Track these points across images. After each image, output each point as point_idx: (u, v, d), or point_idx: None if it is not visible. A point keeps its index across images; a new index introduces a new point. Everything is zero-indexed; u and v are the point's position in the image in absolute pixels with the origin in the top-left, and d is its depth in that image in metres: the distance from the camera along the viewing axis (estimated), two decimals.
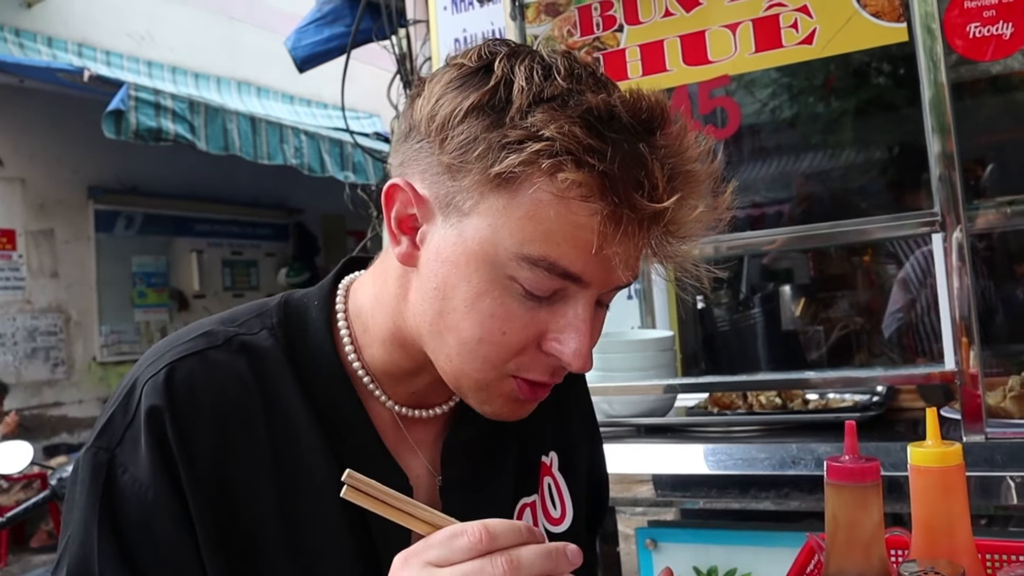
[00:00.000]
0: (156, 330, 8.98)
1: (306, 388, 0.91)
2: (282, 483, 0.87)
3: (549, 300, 0.81)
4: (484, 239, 0.79)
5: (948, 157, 1.60)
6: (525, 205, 0.77)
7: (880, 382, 1.93)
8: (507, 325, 0.81)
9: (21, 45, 7.16)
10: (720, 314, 2.77)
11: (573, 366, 0.82)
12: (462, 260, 0.81)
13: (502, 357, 0.83)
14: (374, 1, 3.76)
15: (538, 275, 0.78)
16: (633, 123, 0.77)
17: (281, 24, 8.40)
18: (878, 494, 0.96)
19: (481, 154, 0.77)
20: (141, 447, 0.83)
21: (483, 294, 0.80)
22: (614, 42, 1.88)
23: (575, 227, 0.76)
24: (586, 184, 0.74)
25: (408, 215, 0.85)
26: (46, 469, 4.66)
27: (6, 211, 7.57)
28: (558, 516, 1.07)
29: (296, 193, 10.09)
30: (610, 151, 0.74)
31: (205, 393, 0.86)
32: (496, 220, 0.78)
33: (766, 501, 1.69)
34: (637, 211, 0.75)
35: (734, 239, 1.95)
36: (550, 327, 0.82)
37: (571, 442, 1.14)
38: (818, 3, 1.72)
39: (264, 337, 0.92)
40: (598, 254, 0.77)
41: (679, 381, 1.99)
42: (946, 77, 1.60)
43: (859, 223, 1.74)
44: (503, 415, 0.89)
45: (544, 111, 0.75)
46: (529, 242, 0.77)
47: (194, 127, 6.19)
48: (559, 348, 0.82)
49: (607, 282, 0.81)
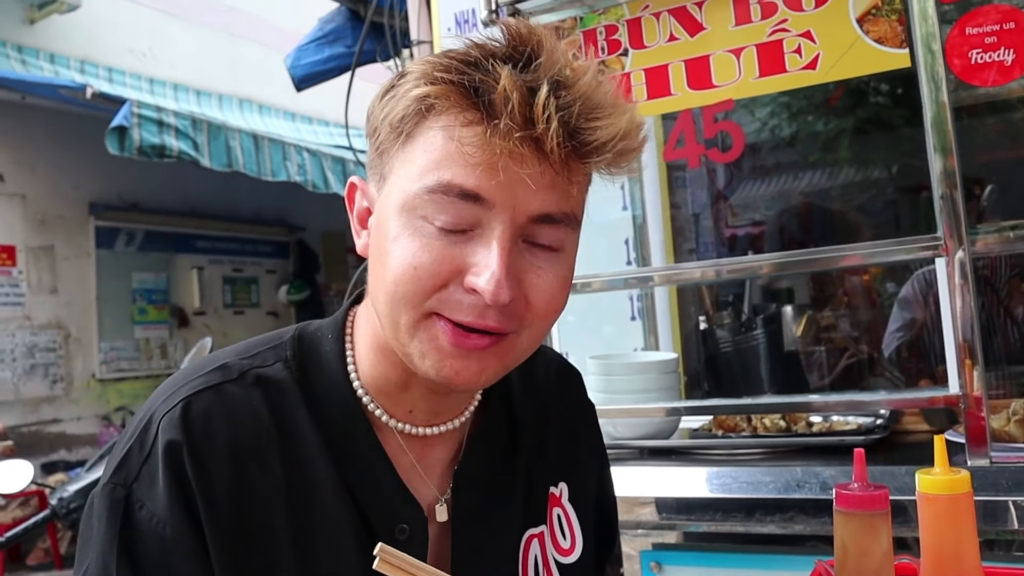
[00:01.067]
0: (156, 347, 8.97)
1: (320, 422, 0.91)
2: (297, 517, 0.88)
3: (466, 235, 0.82)
4: (397, 190, 0.84)
5: (950, 177, 1.60)
6: (420, 146, 0.82)
7: (884, 406, 1.93)
8: (416, 259, 0.81)
9: (24, 62, 7.20)
10: (722, 335, 2.77)
11: (487, 294, 0.79)
12: (386, 218, 0.85)
13: (418, 294, 0.82)
14: (377, 22, 3.78)
15: (441, 203, 0.80)
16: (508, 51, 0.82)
17: (283, 42, 8.44)
18: (887, 522, 0.96)
19: (383, 118, 0.86)
20: (159, 482, 0.83)
21: (397, 238, 0.83)
22: (619, 66, 1.89)
23: (460, 145, 0.80)
24: (468, 111, 0.80)
25: (363, 209, 0.93)
26: (44, 487, 4.64)
27: (6, 227, 7.58)
28: (568, 547, 1.07)
29: (297, 211, 10.11)
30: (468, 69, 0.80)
31: (221, 428, 0.86)
32: (403, 169, 0.84)
33: (771, 524, 1.69)
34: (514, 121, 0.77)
35: (735, 263, 1.96)
36: (468, 261, 0.81)
37: (581, 472, 1.14)
38: (821, 29, 1.73)
39: (279, 370, 0.93)
40: (492, 171, 0.79)
41: (684, 404, 1.99)
42: (947, 97, 1.61)
43: (861, 247, 1.75)
44: (445, 371, 0.84)
45: (422, 63, 0.84)
46: (426, 174, 0.81)
47: (197, 144, 6.21)
48: (475, 280, 0.81)
49: (516, 204, 0.81)
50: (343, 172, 7.45)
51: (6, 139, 7.53)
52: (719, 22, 1.81)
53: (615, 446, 2.04)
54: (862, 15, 1.69)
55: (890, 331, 3.20)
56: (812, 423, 2.03)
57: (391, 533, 0.91)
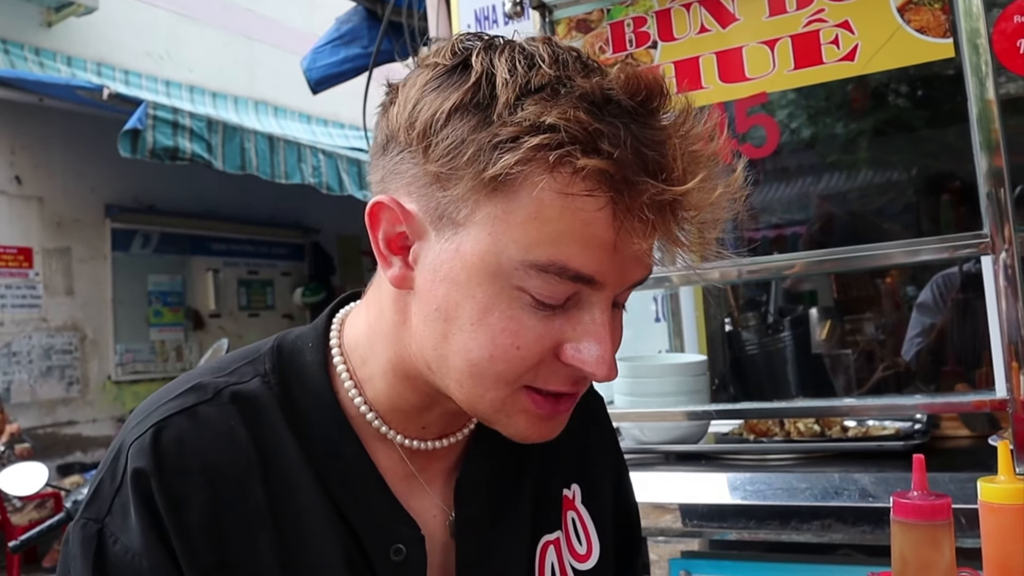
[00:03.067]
0: (171, 349, 8.98)
1: (303, 438, 0.84)
2: (285, 543, 0.81)
3: (563, 307, 0.75)
4: (485, 250, 0.73)
5: (997, 175, 1.54)
6: (526, 208, 0.70)
7: (926, 410, 1.87)
8: (520, 339, 0.74)
9: (41, 64, 7.22)
10: (748, 337, 2.71)
11: (597, 375, 0.75)
12: (463, 276, 0.74)
13: (517, 372, 0.76)
14: (395, 21, 3.74)
15: (548, 281, 0.72)
16: (632, 104, 0.71)
17: (298, 44, 8.44)
18: (950, 533, 0.91)
19: (472, 157, 0.70)
20: (131, 514, 0.78)
21: (490, 309, 0.74)
22: (648, 59, 1.84)
23: (584, 224, 0.70)
24: (593, 174, 0.69)
25: (397, 234, 0.79)
26: (59, 489, 4.63)
27: (23, 229, 7.59)
28: (584, 552, 1.01)
29: (312, 213, 10.11)
30: (615, 135, 0.68)
31: (194, 454, 0.80)
32: (496, 228, 0.72)
33: (807, 533, 1.63)
34: (649, 199, 0.69)
35: (761, 262, 1.90)
36: (567, 335, 0.75)
37: (594, 473, 1.07)
38: (860, 18, 1.67)
39: (256, 385, 0.86)
40: (611, 251, 0.71)
41: (716, 407, 1.93)
42: (994, 93, 1.55)
43: (902, 245, 1.69)
44: (530, 436, 0.81)
45: (535, 102, 0.69)
46: (535, 247, 0.71)
47: (211, 146, 6.20)
48: (580, 357, 0.75)
49: (622, 280, 0.76)
50: (359, 174, 7.43)
51: (23, 142, 7.55)
52: (752, 12, 1.76)
53: (642, 450, 1.99)
54: (903, 4, 1.63)
55: (909, 337, 3.15)
56: (847, 428, 1.97)
57: (386, 554, 0.84)
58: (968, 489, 1.46)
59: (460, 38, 0.78)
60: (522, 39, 0.78)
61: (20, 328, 7.54)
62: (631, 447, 2.01)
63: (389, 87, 0.82)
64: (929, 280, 3.15)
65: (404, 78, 0.81)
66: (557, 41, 0.77)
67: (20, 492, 2.95)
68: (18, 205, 7.57)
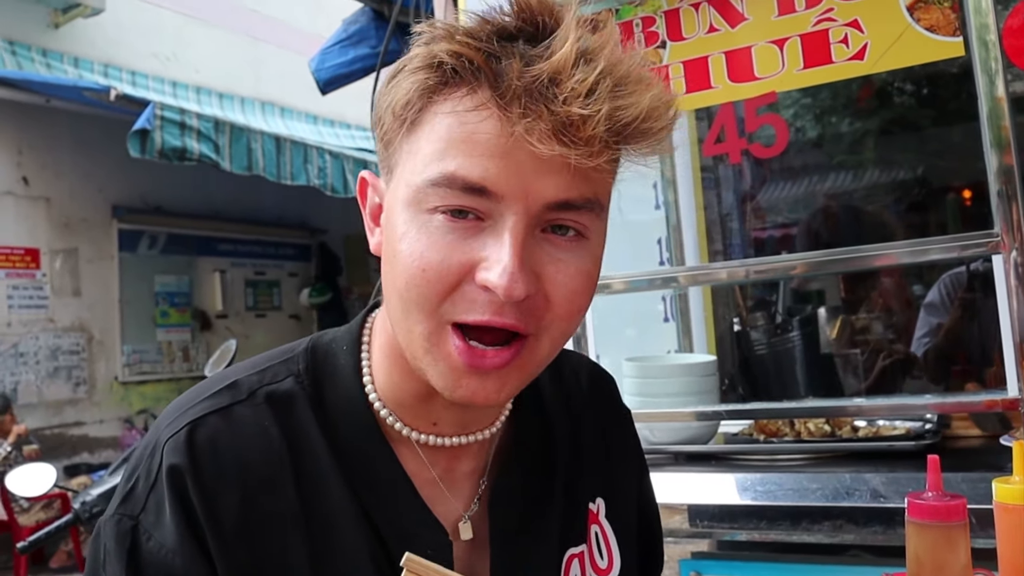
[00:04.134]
0: (178, 350, 9.00)
1: (333, 440, 0.85)
2: (314, 544, 0.82)
3: (476, 227, 0.75)
4: (403, 183, 0.78)
5: (1007, 173, 1.54)
6: (423, 134, 0.77)
7: (937, 410, 1.86)
8: (425, 260, 0.74)
9: (48, 65, 7.24)
10: (757, 336, 2.70)
11: (499, 289, 0.72)
12: (393, 216, 0.79)
13: (430, 299, 0.75)
14: (402, 21, 3.74)
15: (445, 196, 0.74)
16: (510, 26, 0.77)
17: (305, 45, 8.45)
18: (965, 534, 0.90)
19: (387, 107, 0.80)
20: (166, 512, 0.79)
21: (403, 235, 0.77)
22: (657, 59, 1.84)
23: (468, 135, 0.74)
24: (475, 93, 0.74)
25: (376, 205, 0.87)
26: (67, 490, 4.63)
27: (30, 230, 7.61)
28: (605, 567, 1.00)
29: (319, 213, 10.12)
30: (476, 45, 0.74)
31: (228, 453, 0.81)
32: (407, 161, 0.78)
33: (818, 533, 1.62)
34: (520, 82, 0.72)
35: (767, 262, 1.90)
36: (478, 256, 0.74)
37: (619, 486, 1.06)
38: (869, 17, 1.66)
39: (290, 385, 0.87)
40: (503, 156, 0.73)
41: (724, 407, 1.92)
42: (1004, 90, 1.54)
43: (912, 244, 1.68)
44: (460, 390, 0.78)
45: (426, 45, 0.77)
46: (430, 165, 0.75)
47: (219, 147, 6.21)
48: (486, 275, 0.73)
49: (528, 194, 0.74)
50: None
51: (31, 143, 7.57)
52: (761, 12, 1.75)
53: (651, 451, 1.98)
54: (912, 2, 1.63)
55: (917, 337, 3.14)
56: (857, 427, 1.96)
57: None
58: (980, 489, 1.45)
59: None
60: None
61: (27, 329, 7.56)
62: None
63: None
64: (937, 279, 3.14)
65: None
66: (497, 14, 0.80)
67: (28, 493, 2.95)
68: (25, 206, 7.59)
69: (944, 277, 3.07)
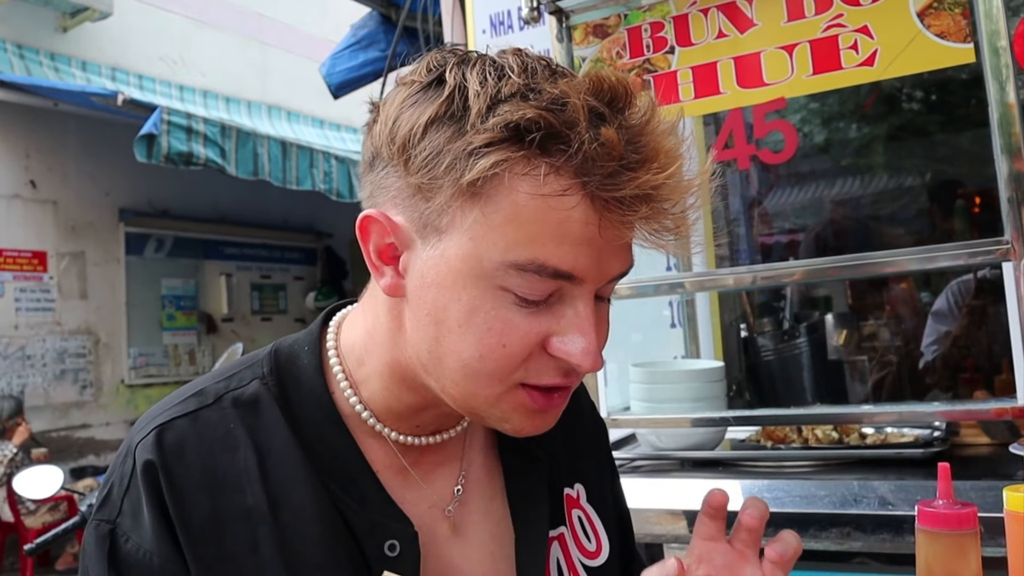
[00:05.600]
0: (184, 353, 9.01)
1: (301, 436, 0.88)
2: (284, 536, 0.84)
3: (546, 303, 0.78)
4: (467, 254, 0.76)
5: (1018, 179, 1.53)
6: (503, 210, 0.74)
7: (946, 417, 1.85)
8: (506, 337, 0.77)
9: (56, 69, 7.27)
10: (764, 343, 2.70)
11: (584, 366, 0.78)
12: (449, 280, 0.78)
13: (507, 369, 0.79)
14: (410, 25, 3.75)
15: (529, 280, 0.75)
16: (598, 104, 0.74)
17: (312, 49, 8.49)
18: (976, 542, 0.90)
19: (449, 166, 0.74)
20: (143, 512, 0.82)
21: (476, 310, 0.77)
22: (665, 64, 1.83)
23: (559, 222, 0.73)
24: (565, 173, 0.73)
25: (386, 245, 0.83)
26: (73, 492, 4.64)
27: (38, 233, 7.64)
28: (593, 549, 1.03)
29: (325, 217, 10.14)
30: (580, 136, 0.72)
31: (194, 455, 0.84)
32: (476, 232, 0.75)
33: (826, 541, 1.62)
34: (618, 194, 0.72)
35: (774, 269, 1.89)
36: (552, 329, 0.78)
37: (593, 474, 1.10)
38: (879, 23, 1.66)
39: (256, 387, 0.90)
40: (588, 246, 0.74)
41: (732, 413, 1.91)
42: (1015, 96, 1.54)
43: (920, 251, 1.67)
44: (526, 429, 0.84)
45: (505, 109, 0.73)
46: (513, 248, 0.74)
47: (225, 151, 6.22)
48: (565, 349, 0.78)
49: (602, 275, 0.78)
50: None
51: (38, 146, 7.60)
52: (770, 18, 1.75)
53: (658, 457, 1.98)
54: (923, 9, 1.62)
55: (925, 344, 3.13)
56: (865, 434, 1.95)
57: (380, 549, 0.86)
58: (989, 497, 1.45)
59: (434, 55, 0.82)
60: (494, 52, 0.82)
61: (34, 331, 7.58)
62: (647, 453, 2.01)
63: (372, 106, 0.86)
64: (945, 286, 3.14)
65: (384, 97, 0.85)
66: (527, 51, 0.81)
67: (36, 495, 2.96)
68: (33, 209, 7.61)
69: (952, 284, 3.07)
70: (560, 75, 0.77)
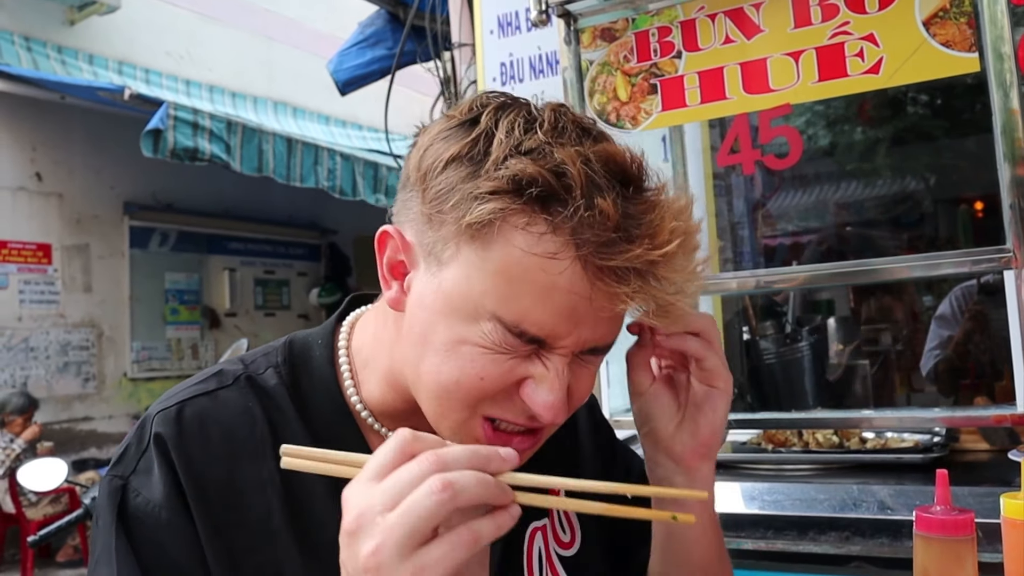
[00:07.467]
0: (187, 347, 9.03)
1: (309, 423, 0.93)
2: (294, 510, 0.89)
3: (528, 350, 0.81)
4: (463, 292, 0.80)
5: (1021, 186, 1.54)
6: (497, 259, 0.77)
7: (945, 423, 1.86)
8: (486, 371, 0.81)
9: (63, 62, 7.28)
10: (766, 346, 2.71)
11: (544, 417, 0.81)
12: (442, 307, 0.82)
13: (478, 399, 0.83)
14: (418, 24, 3.76)
15: (511, 339, 0.79)
16: (597, 175, 0.76)
17: (318, 45, 8.49)
18: (973, 549, 0.91)
19: (455, 204, 0.78)
20: (154, 472, 0.87)
21: (463, 341, 0.81)
22: (672, 68, 1.84)
23: (545, 287, 0.76)
24: (560, 235, 0.75)
25: (398, 261, 0.88)
26: (75, 485, 4.66)
27: (42, 225, 7.66)
28: (568, 540, 1.07)
29: (330, 214, 10.15)
30: (576, 201, 0.74)
31: (215, 426, 0.90)
32: (472, 273, 0.79)
33: (825, 544, 1.63)
34: (611, 263, 0.75)
35: (787, 273, 1.90)
36: (530, 373, 0.82)
37: (579, 466, 1.12)
38: (885, 32, 1.67)
39: (270, 376, 0.96)
40: (572, 315, 0.77)
41: (733, 416, 1.92)
42: (1019, 103, 1.54)
43: (925, 258, 1.68)
44: None
45: (518, 162, 0.76)
46: (503, 303, 0.78)
47: (230, 147, 6.24)
48: (533, 398, 0.82)
49: (579, 343, 0.81)
50: (374, 177, 7.45)
51: (45, 139, 7.62)
52: (777, 24, 1.76)
53: None
54: (928, 17, 1.63)
55: (928, 349, 3.14)
56: (865, 439, 1.96)
57: None
58: (988, 504, 1.46)
59: (482, 96, 0.86)
60: (540, 103, 0.85)
61: (38, 324, 7.60)
62: None
63: (417, 129, 0.90)
64: (948, 292, 3.14)
65: (429, 124, 0.89)
66: (570, 109, 0.84)
67: (39, 488, 2.98)
68: (38, 201, 7.64)
69: (955, 289, 3.07)
70: (590, 137, 0.80)
